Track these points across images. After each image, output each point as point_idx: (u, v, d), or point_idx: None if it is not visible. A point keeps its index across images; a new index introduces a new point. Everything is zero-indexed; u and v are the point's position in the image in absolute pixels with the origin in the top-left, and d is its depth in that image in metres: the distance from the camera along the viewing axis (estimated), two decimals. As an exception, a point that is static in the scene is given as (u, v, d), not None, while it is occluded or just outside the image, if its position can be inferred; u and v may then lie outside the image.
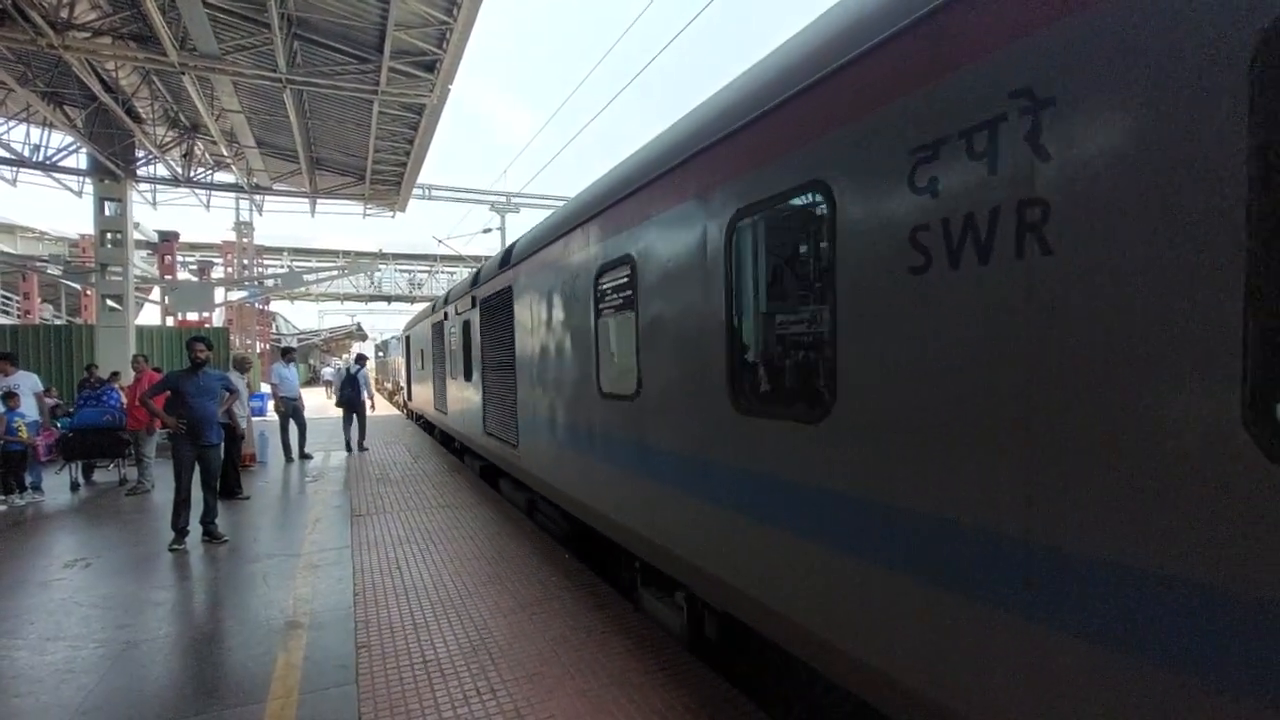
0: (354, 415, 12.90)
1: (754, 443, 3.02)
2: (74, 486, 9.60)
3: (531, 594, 5.00)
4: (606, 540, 4.92)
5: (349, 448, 12.92)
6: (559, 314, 5.63)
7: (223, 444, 7.43)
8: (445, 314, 11.69)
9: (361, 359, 14.75)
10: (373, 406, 13.58)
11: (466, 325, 9.81)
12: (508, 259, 7.42)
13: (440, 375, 12.64)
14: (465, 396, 10.11)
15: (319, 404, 14.27)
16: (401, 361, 23.46)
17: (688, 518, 3.60)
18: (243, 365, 10.53)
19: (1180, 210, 1.49)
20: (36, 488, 8.88)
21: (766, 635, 3.01)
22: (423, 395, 15.79)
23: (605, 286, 4.65)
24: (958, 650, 2.04)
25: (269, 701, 3.46)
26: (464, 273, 31.11)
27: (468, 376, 9.83)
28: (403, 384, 22.68)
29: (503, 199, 26.69)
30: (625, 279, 4.29)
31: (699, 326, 3.44)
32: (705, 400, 3.39)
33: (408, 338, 18.85)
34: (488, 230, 26.98)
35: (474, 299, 9.19)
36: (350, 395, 12.83)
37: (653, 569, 4.34)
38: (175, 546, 6.30)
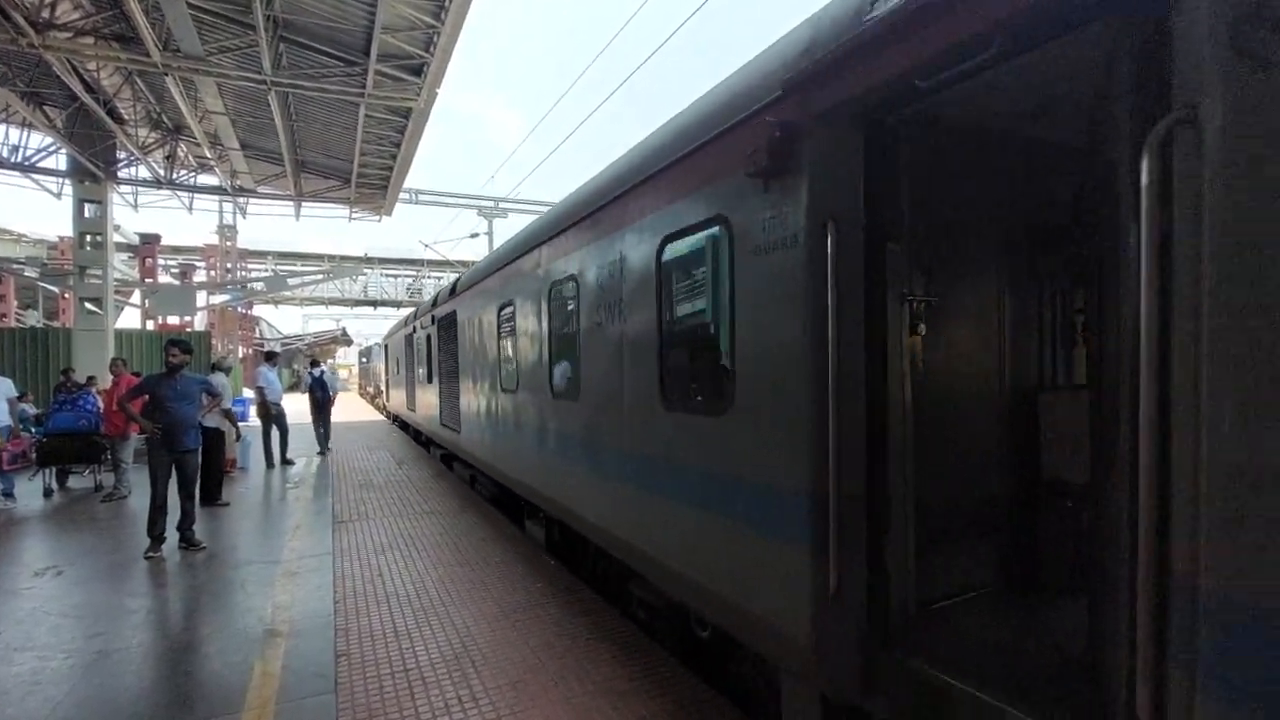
0: (321, 415, 13.45)
1: (566, 419, 5.09)
2: (47, 493, 9.37)
3: (515, 600, 4.94)
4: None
5: (322, 450, 13.37)
6: (484, 333, 7.74)
7: (201, 449, 7.32)
8: (414, 328, 13.84)
9: (316, 363, 15.26)
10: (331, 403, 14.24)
11: (428, 339, 11.92)
12: (454, 290, 9.78)
13: (410, 380, 14.77)
14: (428, 396, 12.24)
15: (301, 409, 14.14)
16: (381, 368, 25.66)
17: (545, 471, 5.65)
18: (220, 365, 10.42)
19: None
20: (8, 494, 8.67)
21: (577, 533, 5.15)
22: (397, 397, 18.39)
23: (503, 315, 6.89)
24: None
25: (244, 712, 3.37)
26: (450, 278, 30.95)
27: (429, 380, 11.97)
28: (382, 388, 24.91)
29: (490, 204, 26.64)
30: (511, 310, 6.55)
31: (537, 347, 5.73)
32: (539, 393, 5.65)
33: (386, 346, 21.24)
34: (475, 235, 26.92)
35: (433, 318, 11.28)
36: (321, 396, 13.49)
37: (533, 506, 6.55)
38: (151, 554, 6.16)
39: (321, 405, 13.53)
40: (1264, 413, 1.32)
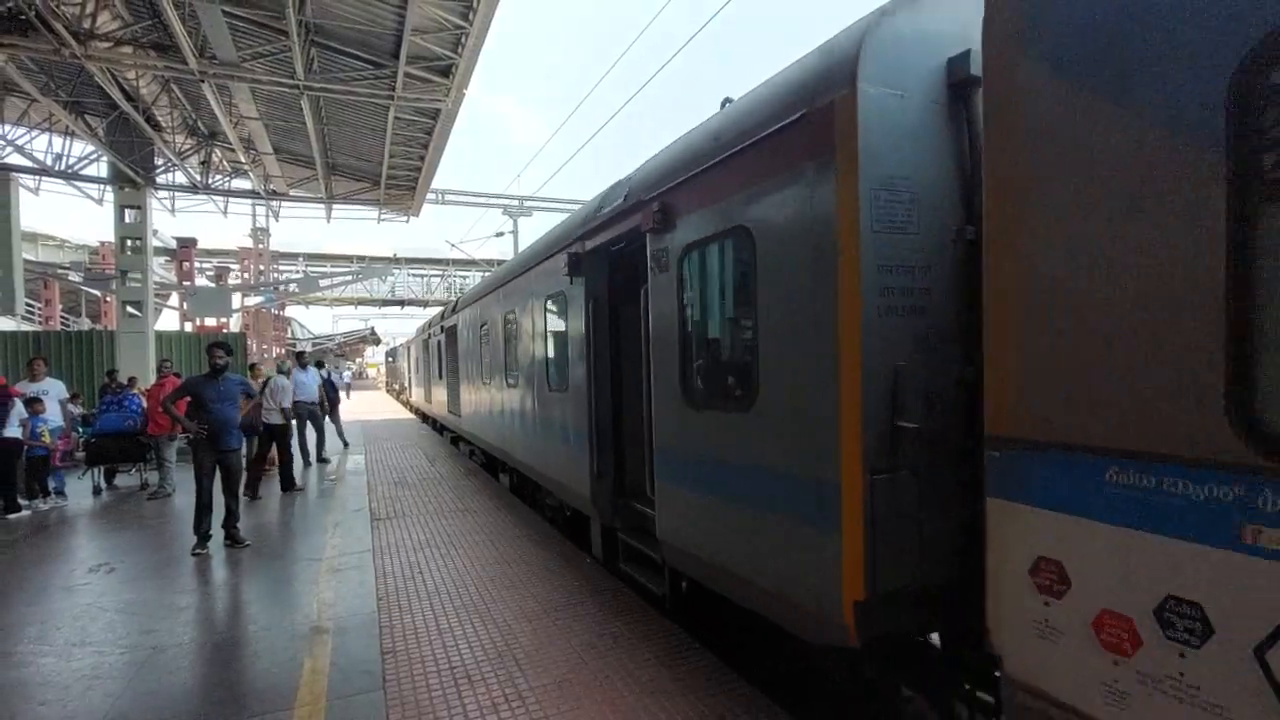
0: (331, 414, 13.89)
1: (511, 401, 8.33)
2: (96, 491, 9.67)
3: (555, 599, 4.95)
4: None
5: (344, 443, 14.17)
6: (472, 342, 11.08)
7: (272, 444, 9.63)
8: (429, 335, 17.64)
9: (320, 364, 15.66)
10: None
11: (439, 344, 15.24)
12: (455, 307, 13.07)
13: (427, 377, 18.42)
14: (440, 390, 15.57)
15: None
16: (404, 367, 30.15)
17: (513, 439, 8.36)
18: (281, 369, 11.12)
19: None
20: (59, 492, 8.96)
21: (529, 479, 7.97)
22: (418, 393, 22.09)
23: (482, 330, 9.99)
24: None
25: (296, 708, 3.43)
26: (477, 277, 31.23)
27: (440, 377, 15.45)
28: (406, 385, 28.95)
29: (515, 203, 26.76)
30: (485, 328, 9.84)
31: (498, 354, 8.96)
32: (500, 385, 8.78)
33: (409, 348, 25.65)
34: (500, 234, 27.07)
35: (442, 327, 14.72)
36: (332, 396, 14.14)
37: (508, 467, 9.48)
38: (198, 551, 6.31)
39: (332, 404, 14.13)
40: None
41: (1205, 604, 1.69)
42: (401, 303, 38.27)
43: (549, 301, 6.59)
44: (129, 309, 15.27)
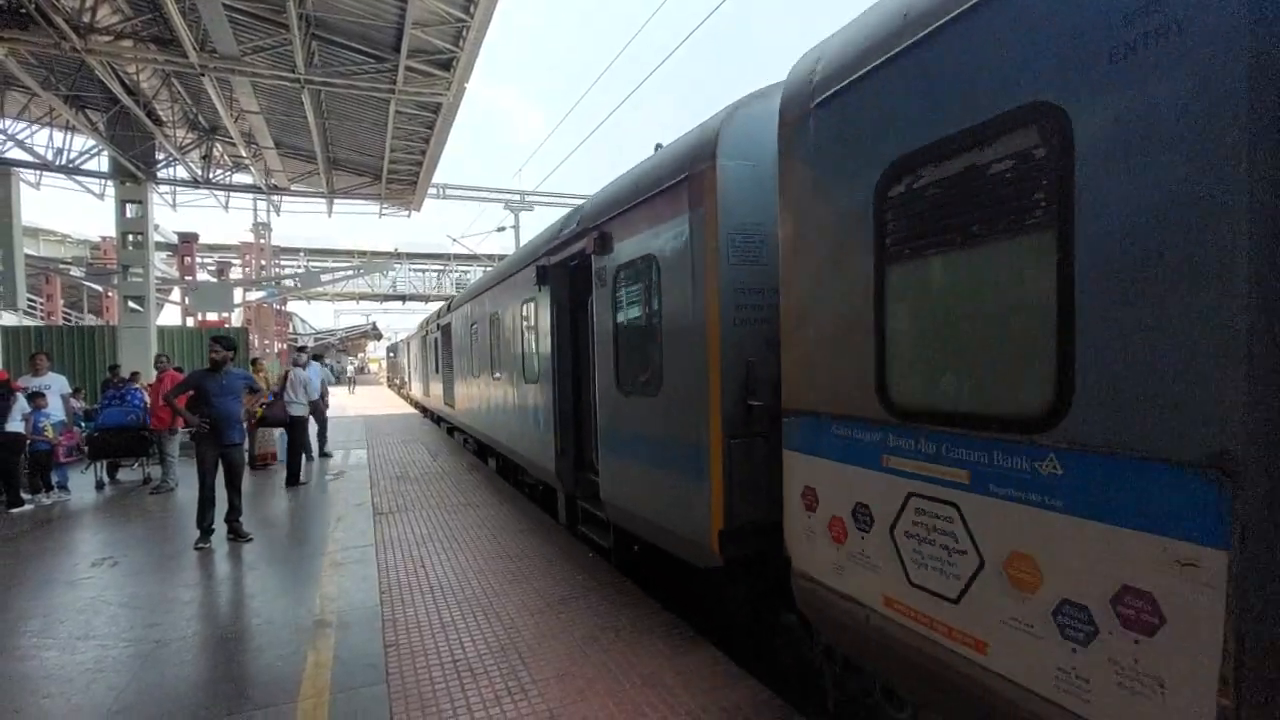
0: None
1: (489, 391, 10.04)
2: (99, 485, 9.69)
3: (558, 593, 4.95)
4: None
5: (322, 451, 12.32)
6: (461, 341, 12.51)
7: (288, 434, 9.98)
8: (427, 332, 19.10)
9: (319, 357, 14.56)
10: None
11: (436, 341, 16.69)
12: (449, 308, 14.68)
13: (425, 373, 19.84)
14: (437, 384, 16.74)
15: (338, 402, 14.38)
16: (404, 362, 32.37)
17: (497, 426, 9.59)
18: (314, 358, 11.29)
19: None
20: (62, 487, 8.97)
21: (512, 462, 9.16)
22: (418, 386, 23.49)
23: (471, 330, 11.51)
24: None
25: (300, 701, 3.43)
26: (479, 272, 31.22)
27: (437, 371, 16.57)
28: (406, 379, 30.61)
29: (516, 197, 26.70)
30: (475, 324, 11.09)
31: (482, 351, 10.53)
32: (482, 377, 10.50)
33: (409, 344, 27.60)
34: (501, 229, 26.99)
35: (439, 325, 15.97)
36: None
37: (495, 453, 10.63)
38: (201, 545, 6.33)
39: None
40: None
41: (871, 504, 2.69)
42: (403, 298, 38.25)
43: (523, 306, 7.75)
44: (131, 304, 15.27)
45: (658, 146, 4.88)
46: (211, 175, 16.23)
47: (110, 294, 22.72)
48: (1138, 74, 1.73)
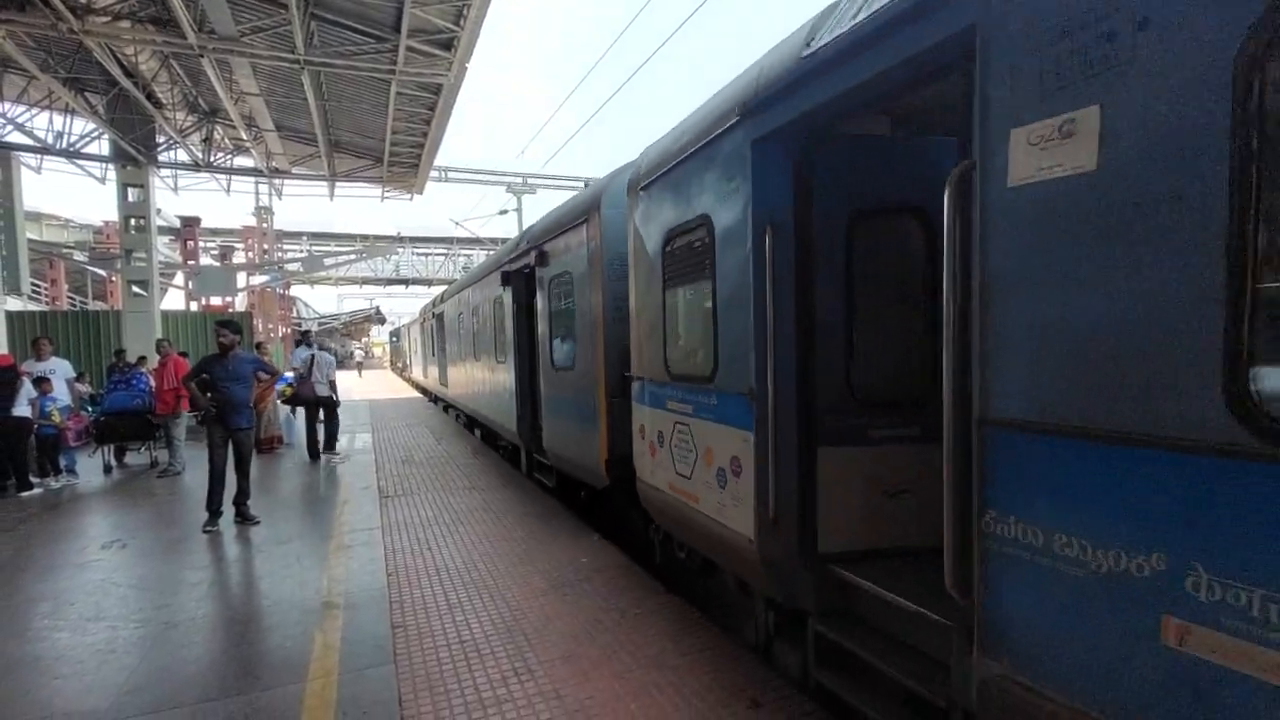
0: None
1: (472, 371, 12.05)
2: (107, 469, 9.76)
3: (562, 575, 4.98)
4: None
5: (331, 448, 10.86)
6: (452, 327, 14.42)
7: (320, 415, 10.52)
8: (424, 320, 21.81)
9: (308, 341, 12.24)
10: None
11: (432, 327, 18.64)
12: (442, 298, 16.86)
13: (424, 356, 22.39)
14: (434, 367, 18.83)
15: (344, 385, 14.36)
16: (405, 346, 35.79)
17: (479, 400, 11.58)
18: (303, 341, 11.47)
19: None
20: (70, 471, 9.03)
21: (491, 430, 11.09)
22: (418, 369, 26.27)
23: (459, 318, 13.44)
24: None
25: (309, 681, 3.46)
26: (481, 255, 31.11)
27: (433, 355, 18.73)
28: (408, 363, 33.61)
29: (519, 180, 26.53)
30: (461, 314, 13.09)
31: (468, 335, 12.35)
32: (469, 358, 12.47)
33: (409, 330, 31.02)
34: (504, 212, 26.86)
35: (434, 314, 18.23)
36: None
37: (478, 424, 12.58)
38: (209, 528, 6.37)
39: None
40: None
41: (663, 430, 4.30)
42: (406, 282, 38.22)
43: (494, 303, 9.62)
44: (134, 288, 15.27)
45: (586, 183, 7.27)
46: (212, 158, 16.13)
47: (114, 279, 22.73)
48: (732, 201, 3.40)
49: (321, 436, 10.56)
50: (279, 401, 11.41)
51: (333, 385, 10.84)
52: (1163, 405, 1.58)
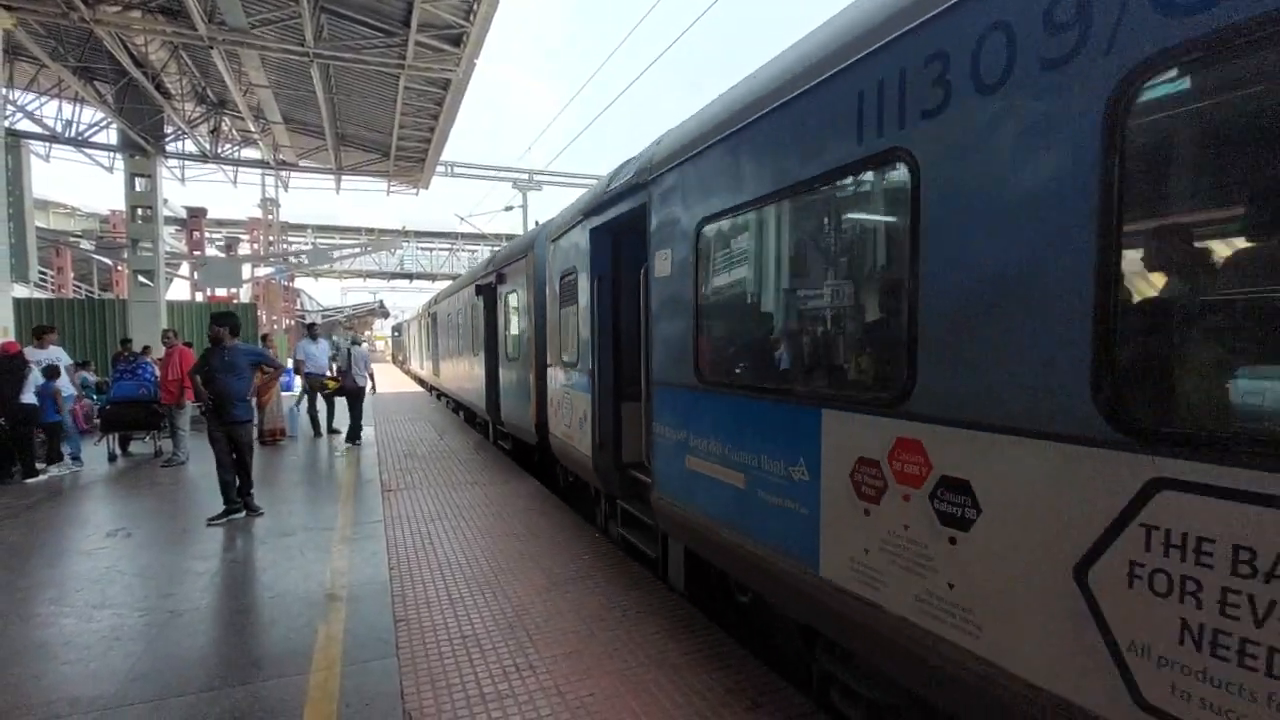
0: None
1: (459, 364, 14.72)
2: (111, 458, 9.81)
3: (565, 572, 5.00)
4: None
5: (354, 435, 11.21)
6: (442, 325, 17.55)
7: (347, 400, 11.25)
8: (421, 318, 25.34)
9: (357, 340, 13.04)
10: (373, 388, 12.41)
11: (428, 325, 21.77)
12: (436, 300, 19.76)
13: (421, 350, 25.49)
14: (429, 360, 21.44)
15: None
16: (405, 340, 39.81)
17: (463, 387, 14.16)
18: (356, 338, 12.60)
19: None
20: (76, 458, 9.08)
21: (467, 409, 14.32)
22: (415, 362, 29.67)
23: (447, 317, 16.70)
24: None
25: (312, 673, 3.49)
26: (486, 251, 31.15)
27: (428, 349, 21.66)
28: (407, 356, 37.13)
29: (525, 176, 26.54)
30: (450, 315, 16.16)
31: (456, 331, 15.13)
32: (455, 353, 15.28)
33: (410, 326, 34.67)
34: (509, 208, 26.90)
35: (430, 314, 21.04)
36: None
37: (462, 407, 15.26)
38: (214, 521, 6.34)
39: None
40: None
41: (558, 398, 6.90)
42: (410, 276, 38.23)
43: (472, 308, 12.04)
44: (140, 278, 15.34)
45: (538, 222, 8.88)
46: (220, 150, 16.20)
47: (120, 268, 22.79)
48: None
49: (345, 426, 11.24)
50: (322, 394, 11.99)
51: (371, 377, 11.68)
52: (682, 372, 3.98)
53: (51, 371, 8.70)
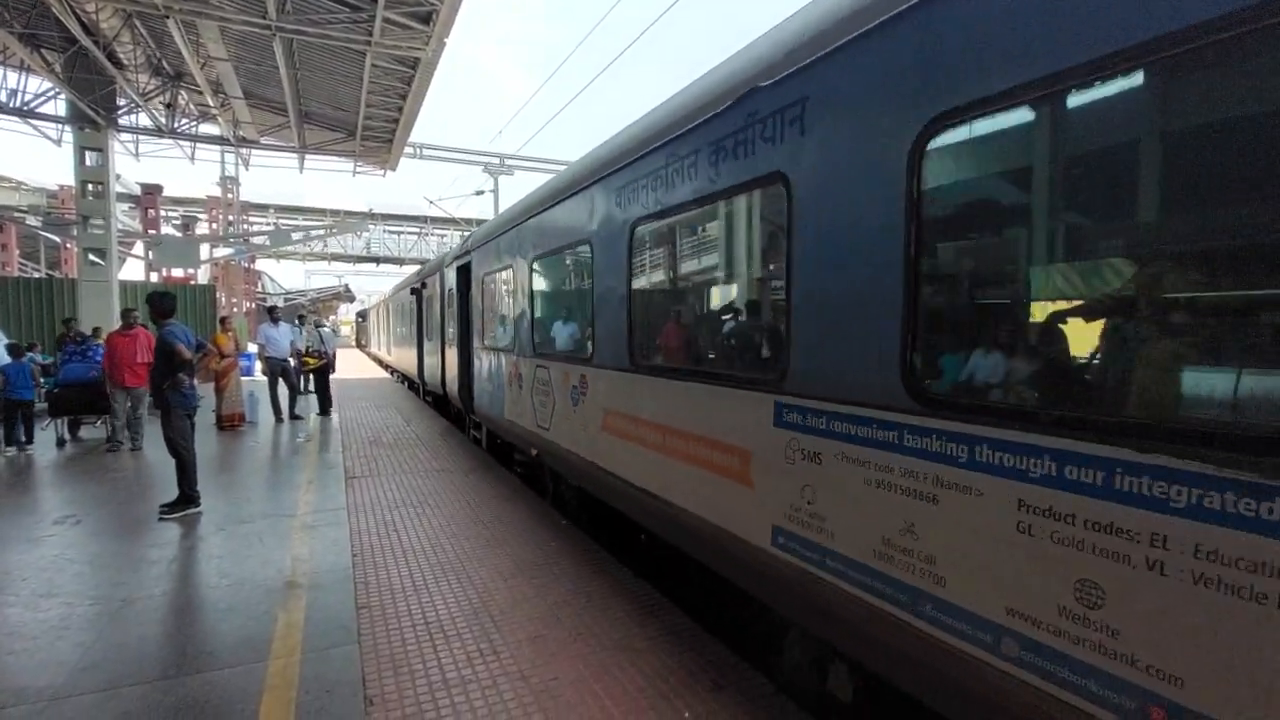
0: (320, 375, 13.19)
1: (433, 349, 14.87)
2: (60, 443, 9.46)
3: (530, 558, 5.01)
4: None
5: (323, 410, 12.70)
6: (399, 313, 20.36)
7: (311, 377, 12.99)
8: (384, 304, 27.09)
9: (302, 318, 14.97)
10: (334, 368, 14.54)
11: (387, 312, 24.70)
12: (395, 290, 22.70)
13: (383, 335, 27.42)
14: (391, 344, 23.52)
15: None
16: (369, 326, 39.41)
17: (405, 361, 18.52)
18: (320, 322, 13.69)
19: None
20: (22, 442, 8.73)
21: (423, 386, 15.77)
22: (375, 344, 32.08)
23: (400, 309, 20.21)
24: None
25: (271, 660, 3.44)
26: (456, 236, 30.68)
27: (389, 334, 24.09)
28: (370, 340, 37.26)
29: (496, 160, 26.18)
30: (401, 305, 19.66)
31: (405, 318, 18.78)
32: (421, 338, 15.70)
33: (374, 312, 34.53)
34: (480, 192, 26.50)
35: (386, 306, 25.49)
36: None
37: (416, 384, 17.16)
38: (165, 515, 6.04)
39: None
40: None
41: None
42: (377, 260, 37.52)
43: (410, 303, 15.93)
44: (91, 257, 14.75)
45: (466, 237, 10.32)
46: (176, 124, 15.60)
47: (69, 246, 21.86)
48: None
49: (308, 413, 12.39)
50: (304, 370, 13.18)
51: (333, 356, 13.80)
52: (489, 341, 8.28)
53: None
